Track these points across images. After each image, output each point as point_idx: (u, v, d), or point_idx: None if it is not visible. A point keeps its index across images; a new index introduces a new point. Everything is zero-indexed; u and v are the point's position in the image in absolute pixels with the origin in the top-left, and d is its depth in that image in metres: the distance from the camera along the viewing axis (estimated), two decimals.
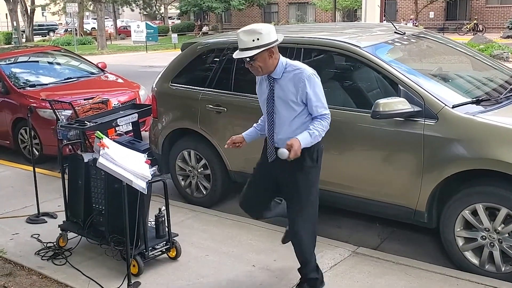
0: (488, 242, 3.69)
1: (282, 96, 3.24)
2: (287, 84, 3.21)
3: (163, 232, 4.06)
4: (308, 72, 3.21)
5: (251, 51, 3.11)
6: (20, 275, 4.05)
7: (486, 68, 4.98)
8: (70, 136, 5.61)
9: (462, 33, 28.87)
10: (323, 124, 3.22)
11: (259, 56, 3.14)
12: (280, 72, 3.22)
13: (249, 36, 3.11)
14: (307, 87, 3.17)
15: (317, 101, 3.20)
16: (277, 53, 3.22)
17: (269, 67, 3.20)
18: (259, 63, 3.17)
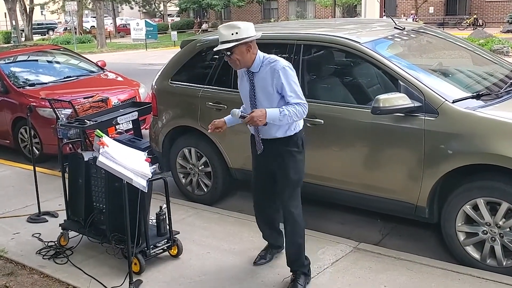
0: (489, 236, 3.69)
1: (261, 87, 3.41)
2: (265, 76, 3.38)
3: (164, 230, 4.06)
4: (282, 64, 3.36)
5: (230, 43, 3.30)
6: (22, 275, 4.05)
7: (486, 63, 4.96)
8: (70, 135, 5.60)
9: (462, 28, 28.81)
10: (296, 108, 3.34)
11: (237, 49, 3.32)
12: (258, 66, 3.41)
13: (229, 30, 3.31)
14: (282, 77, 3.32)
15: (291, 92, 3.34)
16: (255, 48, 3.40)
17: (247, 61, 3.38)
18: (237, 56, 3.34)
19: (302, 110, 3.35)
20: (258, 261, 3.94)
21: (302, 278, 3.57)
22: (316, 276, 3.72)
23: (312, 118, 4.39)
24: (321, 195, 4.68)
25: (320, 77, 4.87)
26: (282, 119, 3.32)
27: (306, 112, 3.38)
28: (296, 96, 3.35)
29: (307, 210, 5.06)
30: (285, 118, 3.32)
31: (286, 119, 3.33)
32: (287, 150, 3.47)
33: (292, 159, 3.48)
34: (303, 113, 3.37)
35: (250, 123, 3.32)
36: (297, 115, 3.34)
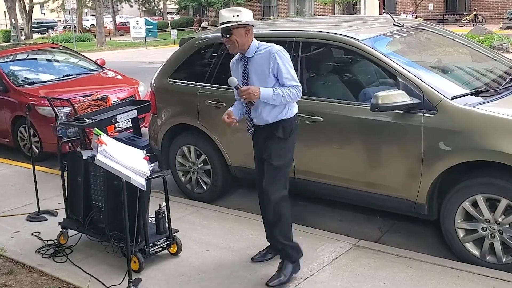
0: (489, 233, 3.68)
1: (256, 71, 3.50)
2: (260, 60, 3.48)
3: (163, 228, 4.06)
4: (277, 48, 3.48)
5: (230, 23, 3.43)
6: (21, 273, 4.05)
7: (486, 59, 4.95)
8: (69, 134, 5.61)
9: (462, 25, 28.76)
10: (291, 90, 3.43)
11: (236, 31, 3.44)
12: (253, 52, 3.51)
13: (230, 13, 3.46)
14: (278, 60, 3.42)
15: (287, 74, 3.44)
16: (252, 34, 3.52)
17: (244, 44, 3.48)
18: (236, 37, 3.45)
19: (296, 93, 3.44)
20: (256, 257, 3.94)
21: (288, 268, 3.60)
22: (315, 273, 3.72)
23: (311, 116, 4.39)
24: (321, 193, 4.68)
25: (319, 75, 4.87)
26: (276, 98, 3.42)
27: (299, 95, 3.46)
28: (292, 78, 3.44)
29: (307, 208, 5.10)
30: (278, 97, 3.41)
31: (279, 99, 3.42)
32: (273, 135, 3.54)
33: (275, 145, 3.53)
34: (297, 96, 3.46)
35: (245, 94, 3.40)
36: (290, 97, 3.43)
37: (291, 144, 3.62)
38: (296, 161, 4.57)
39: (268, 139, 3.56)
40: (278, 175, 3.55)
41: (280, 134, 3.53)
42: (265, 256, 3.93)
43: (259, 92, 3.41)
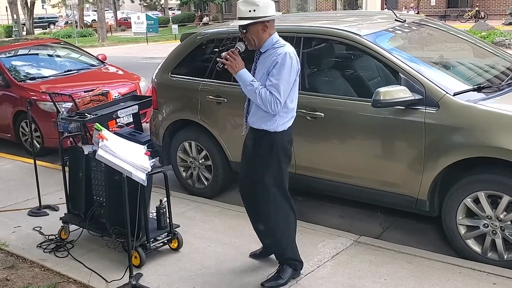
0: (491, 230, 3.68)
1: (260, 68, 3.30)
2: (268, 57, 3.26)
3: (164, 224, 4.06)
4: (288, 49, 3.22)
5: (246, 20, 3.19)
6: (23, 268, 4.06)
7: (488, 55, 4.94)
8: (70, 129, 5.60)
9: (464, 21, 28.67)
10: (267, 94, 3.17)
11: (252, 28, 3.21)
12: (267, 46, 3.28)
13: (247, 7, 3.19)
14: (278, 60, 3.17)
15: (275, 78, 3.16)
16: (272, 28, 3.28)
17: (261, 40, 3.26)
18: (252, 35, 3.24)
19: (270, 101, 3.15)
20: (253, 253, 3.89)
21: (288, 271, 3.54)
22: (316, 270, 3.72)
23: (312, 112, 4.38)
24: (321, 188, 4.68)
25: (321, 70, 4.86)
26: (249, 88, 3.21)
27: (273, 108, 3.17)
28: (275, 84, 3.16)
29: (308, 204, 5.10)
30: (251, 89, 3.19)
31: (252, 91, 3.20)
32: (257, 144, 3.36)
33: (257, 158, 3.38)
34: (271, 105, 3.16)
35: (230, 57, 3.22)
36: (262, 98, 3.16)
37: (276, 160, 3.36)
38: (297, 157, 4.58)
39: (253, 146, 3.41)
40: (264, 188, 3.42)
41: (262, 146, 3.35)
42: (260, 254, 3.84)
43: (240, 69, 3.20)
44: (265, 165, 3.39)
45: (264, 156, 3.38)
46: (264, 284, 3.53)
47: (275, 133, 3.31)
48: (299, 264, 3.61)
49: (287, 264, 3.56)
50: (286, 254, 3.56)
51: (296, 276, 3.60)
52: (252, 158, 3.46)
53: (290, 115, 3.37)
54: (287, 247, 3.55)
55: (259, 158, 3.40)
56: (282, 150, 3.38)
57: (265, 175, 3.40)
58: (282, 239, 3.54)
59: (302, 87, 4.51)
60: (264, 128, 3.31)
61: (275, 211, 3.49)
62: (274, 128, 3.30)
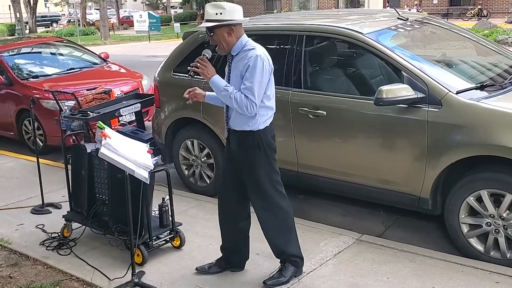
0: (493, 228, 3.67)
1: (235, 72, 3.30)
2: (240, 61, 3.27)
3: (166, 222, 4.07)
4: (259, 52, 3.23)
5: (211, 23, 3.22)
6: (26, 266, 4.07)
7: (491, 54, 4.93)
8: (73, 127, 5.62)
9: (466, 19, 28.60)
10: (242, 98, 3.18)
11: (218, 31, 3.23)
12: (237, 50, 3.29)
13: (214, 9, 3.22)
14: (250, 63, 3.19)
15: (248, 81, 3.18)
16: (238, 32, 3.29)
17: (229, 44, 3.28)
18: (218, 38, 3.26)
19: (246, 104, 3.18)
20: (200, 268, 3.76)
21: (290, 270, 3.53)
22: (318, 268, 3.72)
23: (314, 110, 4.38)
24: (324, 187, 4.68)
25: (323, 68, 4.85)
26: (223, 92, 3.22)
27: (249, 110, 3.19)
28: (249, 87, 3.18)
29: (310, 202, 5.10)
30: (226, 94, 3.21)
31: (226, 96, 3.21)
32: (244, 147, 3.37)
33: (247, 159, 3.38)
34: (246, 108, 3.18)
35: (200, 64, 3.25)
36: (237, 102, 3.18)
37: (263, 157, 3.37)
38: (299, 155, 4.58)
39: (238, 149, 3.40)
40: (262, 183, 3.40)
41: (248, 147, 3.35)
42: (210, 269, 3.73)
43: (212, 75, 3.23)
44: (255, 165, 3.38)
45: (253, 155, 3.38)
46: (266, 282, 3.53)
47: (258, 131, 3.34)
48: (301, 261, 3.61)
49: (289, 262, 3.55)
50: (288, 250, 3.55)
51: (298, 274, 3.60)
52: (240, 161, 3.43)
53: (270, 113, 3.41)
54: (288, 243, 3.54)
55: (247, 159, 3.39)
56: (268, 145, 3.40)
57: (257, 175, 3.39)
58: (285, 237, 3.53)
59: (304, 85, 4.53)
60: (247, 128, 3.33)
61: (273, 211, 3.47)
62: (257, 127, 3.33)
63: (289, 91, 4.56)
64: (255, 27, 5.23)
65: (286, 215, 3.53)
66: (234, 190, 3.54)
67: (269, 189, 3.43)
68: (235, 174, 3.50)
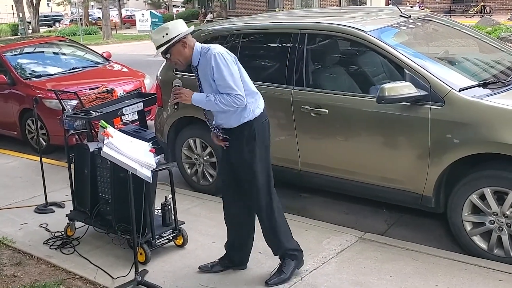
0: (497, 226, 3.66)
1: (204, 79, 3.35)
2: (205, 67, 3.31)
3: (169, 220, 4.07)
4: (214, 51, 3.27)
5: (164, 45, 3.27)
6: (29, 264, 4.08)
7: (494, 51, 4.91)
8: (76, 126, 5.62)
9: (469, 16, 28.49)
10: (224, 98, 3.24)
11: (174, 49, 3.29)
12: (197, 58, 3.34)
13: (159, 34, 3.28)
14: (212, 64, 3.23)
15: (220, 79, 3.23)
16: (191, 41, 3.34)
17: (187, 57, 3.34)
18: (176, 56, 3.32)
19: (231, 100, 3.22)
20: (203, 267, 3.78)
21: (290, 265, 3.54)
22: (321, 266, 3.72)
23: (316, 108, 4.38)
24: (326, 185, 4.67)
25: (325, 66, 4.85)
26: (208, 104, 3.30)
27: (238, 103, 3.24)
28: (225, 85, 3.22)
29: (313, 200, 5.09)
30: (210, 103, 3.28)
31: (211, 105, 3.28)
32: (239, 140, 3.41)
33: (237, 156, 3.42)
34: (234, 103, 3.23)
35: (176, 94, 3.33)
36: (224, 104, 3.24)
37: (260, 145, 3.41)
38: (301, 153, 4.58)
39: (236, 144, 3.42)
40: (259, 180, 3.42)
41: (243, 138, 3.39)
42: (213, 268, 3.74)
43: (191, 95, 3.31)
44: (253, 154, 3.40)
45: (251, 145, 3.40)
46: (268, 281, 3.52)
47: (255, 119, 3.39)
48: (299, 253, 3.61)
49: (288, 257, 3.56)
50: (284, 246, 3.55)
51: (300, 266, 3.60)
52: (237, 155, 3.44)
53: (257, 96, 3.45)
54: (284, 239, 3.55)
55: (247, 150, 3.40)
56: (264, 132, 3.44)
57: (254, 166, 3.40)
58: (281, 232, 3.54)
59: (306, 83, 4.53)
60: (244, 121, 3.37)
61: (271, 206, 3.49)
62: (252, 115, 3.38)
63: (291, 90, 4.56)
64: (257, 25, 5.24)
65: (280, 211, 3.55)
66: (235, 187, 3.56)
67: (264, 179, 3.45)
68: (233, 171, 3.52)
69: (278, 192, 3.61)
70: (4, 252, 4.31)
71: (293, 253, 3.57)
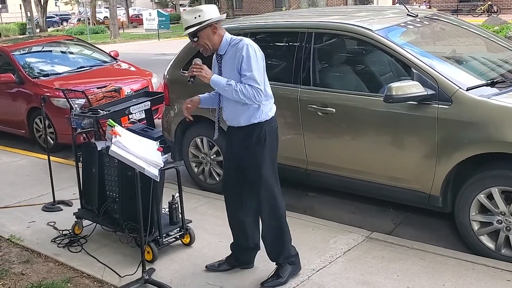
0: (504, 226, 3.65)
1: (227, 69, 3.30)
2: (231, 57, 3.27)
3: (176, 219, 4.08)
4: (247, 41, 3.25)
5: (194, 27, 3.22)
6: (37, 262, 4.11)
7: (501, 50, 4.89)
8: (84, 125, 5.64)
9: (476, 15, 28.33)
10: (246, 88, 3.18)
11: (202, 33, 3.25)
12: (225, 48, 3.31)
13: (191, 15, 3.24)
14: (243, 52, 3.19)
15: (247, 71, 3.18)
16: (221, 29, 3.31)
17: (215, 43, 3.30)
18: (204, 40, 3.27)
19: (253, 93, 3.17)
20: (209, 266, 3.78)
21: (287, 269, 3.51)
22: (328, 265, 3.72)
23: (323, 107, 4.38)
24: (333, 184, 4.67)
25: (332, 66, 4.84)
26: (227, 89, 3.21)
27: (257, 99, 3.19)
28: (250, 76, 3.17)
29: (319, 199, 5.09)
30: (229, 89, 3.19)
31: (231, 91, 3.20)
32: (245, 143, 3.36)
33: (249, 155, 3.37)
34: (254, 97, 3.18)
35: (196, 68, 3.25)
36: (244, 94, 3.17)
37: (269, 149, 3.37)
38: (308, 152, 4.58)
39: (244, 145, 3.38)
40: (265, 183, 3.38)
41: (254, 140, 3.33)
42: (220, 266, 3.75)
43: (211, 74, 3.24)
44: (261, 157, 3.36)
45: (258, 147, 3.36)
46: (264, 284, 3.51)
47: (266, 121, 3.35)
48: (296, 258, 3.58)
49: (286, 262, 3.53)
50: (284, 253, 3.51)
51: (297, 272, 3.58)
52: (244, 157, 3.41)
53: (271, 100, 3.42)
54: (285, 244, 3.50)
55: (252, 152, 3.36)
56: (273, 135, 3.40)
57: (262, 168, 3.37)
58: (284, 237, 3.50)
59: (313, 82, 4.53)
60: (255, 121, 3.33)
61: (277, 209, 3.45)
62: (264, 117, 3.34)
63: (298, 89, 4.56)
64: (264, 24, 5.24)
65: (283, 213, 3.50)
66: (239, 187, 3.53)
67: (271, 183, 3.41)
68: (239, 171, 3.49)
69: (285, 191, 3.61)
70: (12, 250, 4.34)
71: (292, 259, 3.55)
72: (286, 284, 3.49)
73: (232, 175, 3.57)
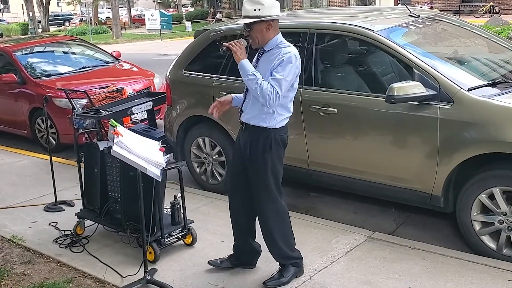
0: (506, 226, 3.65)
1: (263, 66, 3.30)
2: (272, 56, 3.28)
3: (178, 219, 4.09)
4: (294, 51, 3.27)
5: (250, 19, 3.23)
6: (39, 263, 4.12)
7: (503, 50, 4.88)
8: (86, 125, 5.66)
9: (478, 16, 28.30)
10: (267, 86, 3.16)
11: (257, 26, 3.25)
12: (272, 45, 3.31)
13: (252, 5, 3.24)
14: (283, 57, 3.20)
15: (278, 74, 3.17)
16: (276, 29, 3.31)
17: (265, 40, 3.30)
18: (256, 33, 3.28)
19: (270, 94, 3.15)
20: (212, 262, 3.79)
21: (291, 270, 3.51)
22: (330, 265, 3.72)
23: (325, 107, 4.38)
24: (335, 184, 4.67)
25: (334, 66, 4.84)
26: (251, 77, 3.21)
27: (271, 102, 3.17)
28: (277, 80, 3.17)
29: (321, 199, 5.10)
30: (253, 79, 3.19)
31: (252, 80, 3.20)
32: (254, 142, 3.36)
33: (258, 160, 3.35)
34: (269, 98, 3.16)
35: (235, 45, 3.26)
36: (262, 90, 3.16)
37: (272, 158, 3.35)
38: (310, 152, 4.58)
39: (250, 144, 3.38)
40: (267, 185, 3.38)
41: (260, 144, 3.33)
42: (222, 263, 3.76)
43: (244, 57, 3.24)
44: (265, 163, 3.36)
45: (263, 153, 3.35)
46: (266, 282, 3.51)
47: (274, 129, 3.34)
48: (300, 261, 3.58)
49: (290, 263, 3.53)
50: (285, 253, 3.51)
51: (299, 275, 3.58)
52: (250, 157, 3.41)
53: (287, 114, 3.40)
54: (284, 247, 3.50)
55: (257, 155, 3.36)
56: (279, 145, 3.39)
57: (265, 174, 3.37)
58: (281, 239, 3.49)
59: (315, 82, 4.53)
60: (263, 125, 3.33)
61: (276, 212, 3.45)
62: (273, 125, 3.33)
63: (300, 89, 4.54)
64: None
65: (284, 219, 3.49)
66: (243, 187, 3.53)
67: (273, 188, 3.41)
68: (243, 171, 3.49)
69: (287, 191, 3.61)
70: (14, 250, 4.35)
71: (296, 261, 3.55)
72: (288, 284, 3.50)
73: (236, 174, 3.58)
